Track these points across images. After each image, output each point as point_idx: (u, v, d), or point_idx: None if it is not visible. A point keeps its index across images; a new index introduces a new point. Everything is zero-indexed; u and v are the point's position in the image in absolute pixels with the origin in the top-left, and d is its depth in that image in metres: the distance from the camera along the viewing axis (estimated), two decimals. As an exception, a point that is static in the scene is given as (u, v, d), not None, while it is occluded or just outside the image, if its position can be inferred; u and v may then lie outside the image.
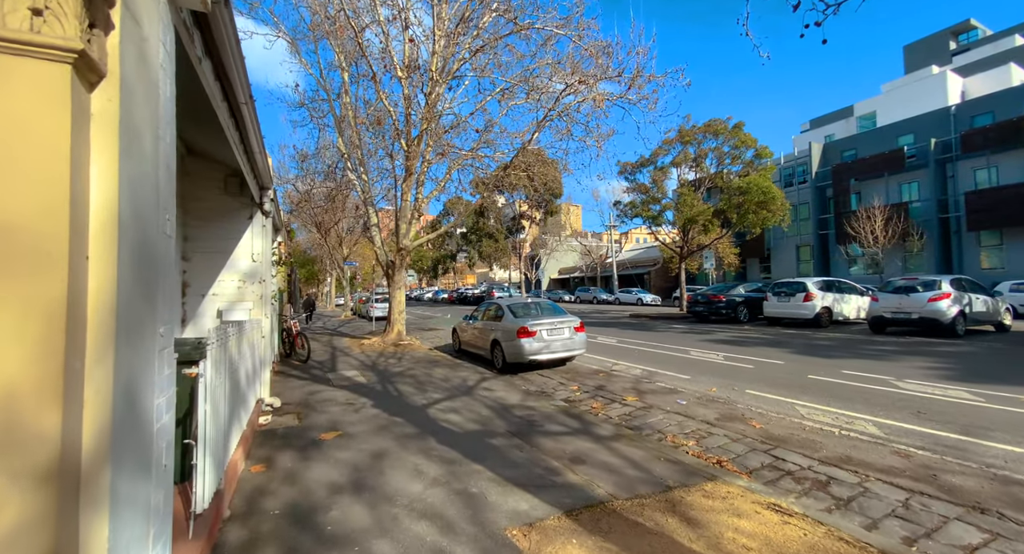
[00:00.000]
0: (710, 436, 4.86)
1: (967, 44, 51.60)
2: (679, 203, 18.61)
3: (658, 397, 6.56)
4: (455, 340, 11.94)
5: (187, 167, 5.51)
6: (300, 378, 8.07)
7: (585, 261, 49.31)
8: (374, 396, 6.56)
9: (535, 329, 8.53)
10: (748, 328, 14.57)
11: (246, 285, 5.78)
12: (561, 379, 8.09)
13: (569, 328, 8.87)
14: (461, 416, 5.46)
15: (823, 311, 13.49)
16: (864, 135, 29.68)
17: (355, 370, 8.80)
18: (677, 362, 9.21)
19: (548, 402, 6.23)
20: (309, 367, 9.24)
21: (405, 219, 12.53)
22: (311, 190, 19.91)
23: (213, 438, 2.67)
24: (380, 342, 12.71)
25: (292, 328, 10.21)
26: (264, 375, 5.83)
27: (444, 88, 10.94)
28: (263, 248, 5.90)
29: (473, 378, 7.95)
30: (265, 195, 5.77)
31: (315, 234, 30.54)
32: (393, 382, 7.57)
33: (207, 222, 5.62)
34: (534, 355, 8.44)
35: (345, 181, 15.93)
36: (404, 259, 12.75)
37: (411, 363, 9.65)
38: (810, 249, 30.84)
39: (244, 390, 4.12)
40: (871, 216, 23.50)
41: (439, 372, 8.55)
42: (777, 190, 17.22)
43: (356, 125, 12.63)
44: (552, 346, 8.58)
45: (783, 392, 6.56)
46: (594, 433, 4.79)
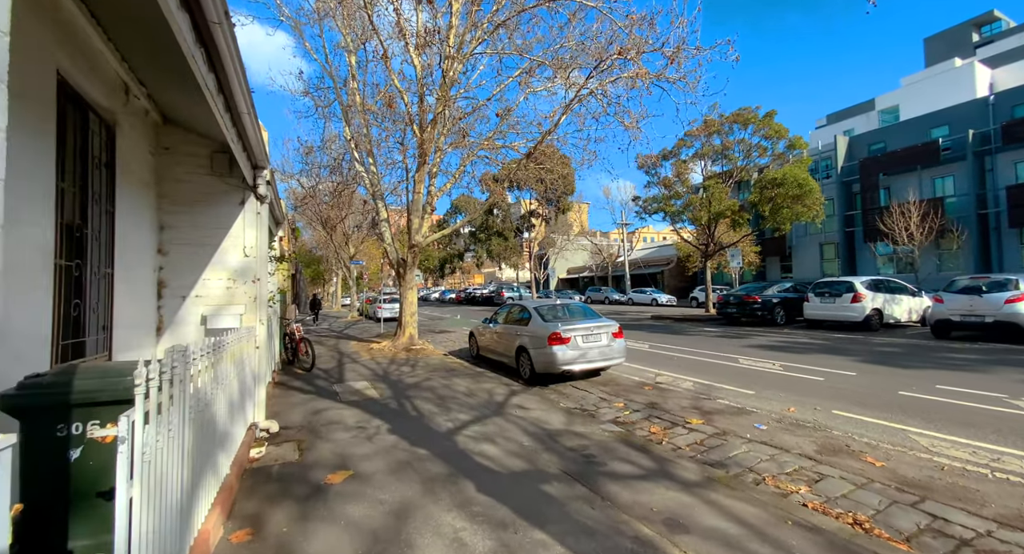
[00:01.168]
0: (823, 479, 3.79)
1: (990, 36, 50.07)
2: (707, 197, 17.45)
3: (728, 419, 5.49)
4: (472, 345, 10.92)
5: (163, 140, 4.51)
6: (303, 391, 7.06)
7: (595, 260, 48.15)
8: (389, 416, 5.54)
9: (569, 335, 7.48)
10: (789, 331, 13.43)
11: (237, 285, 4.77)
12: (601, 393, 7.04)
13: (607, 334, 7.81)
14: (498, 447, 4.42)
15: (873, 313, 12.33)
16: (893, 128, 28.33)
17: (365, 381, 7.79)
18: (729, 373, 8.12)
19: (597, 426, 5.18)
20: (313, 377, 8.24)
21: (418, 213, 11.51)
22: (316, 185, 18.97)
23: (154, 532, 1.64)
24: (391, 346, 11.71)
25: (295, 333, 9.22)
26: (259, 393, 4.82)
27: (461, 67, 9.90)
28: (257, 240, 4.89)
29: (500, 392, 6.91)
30: (259, 175, 4.76)
31: (321, 232, 29.69)
32: (410, 397, 6.54)
33: (189, 208, 4.62)
34: (568, 365, 7.39)
35: (352, 175, 14.94)
36: (416, 257, 11.74)
37: (427, 372, 8.63)
38: (834, 247, 29.54)
39: (224, 426, 3.10)
40: (905, 212, 22.24)
41: (460, 383, 7.51)
42: (814, 182, 16.04)
43: (364, 111, 11.63)
44: (588, 355, 7.53)
45: (881, 414, 5.47)
46: (675, 475, 3.73)
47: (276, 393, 6.85)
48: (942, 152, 24.06)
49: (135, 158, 3.92)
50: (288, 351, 9.67)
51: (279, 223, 8.56)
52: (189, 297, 4.60)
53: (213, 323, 4.57)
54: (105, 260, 3.44)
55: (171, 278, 4.54)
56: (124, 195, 3.65)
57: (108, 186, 3.45)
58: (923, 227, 21.52)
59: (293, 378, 8.10)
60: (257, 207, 4.89)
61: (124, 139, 3.63)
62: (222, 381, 3.00)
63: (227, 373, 3.22)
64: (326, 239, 29.88)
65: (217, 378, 2.84)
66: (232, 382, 3.40)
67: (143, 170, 4.10)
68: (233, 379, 3.47)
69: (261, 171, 4.78)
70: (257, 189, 4.79)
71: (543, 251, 43.19)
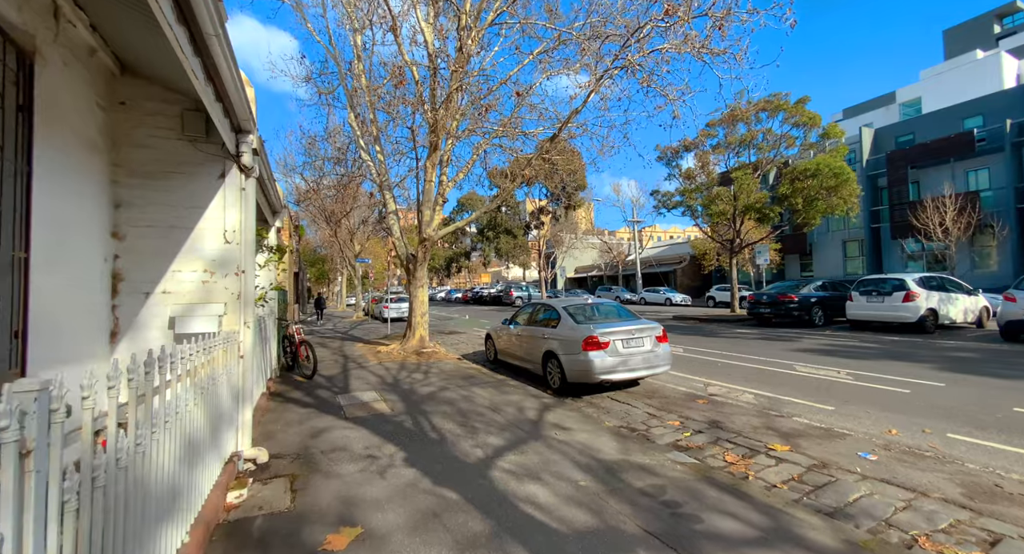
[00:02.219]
0: (1001, 540, 2.77)
1: (1013, 27, 48.66)
2: (734, 189, 16.35)
3: (818, 445, 4.47)
4: (489, 348, 9.94)
5: (119, 92, 3.54)
6: (301, 404, 6.10)
7: (604, 259, 47.04)
8: (404, 440, 4.55)
9: (607, 339, 6.47)
10: (832, 333, 12.34)
11: (215, 278, 3.80)
12: (647, 407, 6.03)
13: (650, 338, 6.80)
14: (548, 488, 3.42)
15: (928, 313, 11.22)
16: (922, 119, 27.07)
17: (373, 391, 6.81)
18: (790, 383, 7.08)
19: (661, 455, 4.17)
20: (315, 385, 7.28)
21: (428, 204, 10.54)
22: (320, 180, 18.07)
23: None
24: (399, 349, 10.75)
25: (295, 335, 8.27)
26: (244, 415, 3.85)
27: (480, 38, 8.91)
28: (242, 223, 3.91)
29: (529, 405, 5.91)
30: (243, 141, 3.79)
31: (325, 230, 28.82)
32: (426, 412, 5.55)
33: (153, 181, 3.65)
34: (607, 374, 6.38)
35: (357, 166, 13.99)
36: (427, 252, 10.76)
37: (441, 379, 7.65)
38: (859, 244, 28.34)
39: (177, 482, 2.12)
40: (939, 206, 21.07)
41: (481, 395, 6.53)
42: (851, 171, 14.92)
43: (371, 93, 10.67)
44: (630, 362, 6.51)
45: (1009, 438, 4.43)
46: (799, 537, 2.72)
47: (270, 407, 5.89)
48: (977, 143, 22.83)
49: (74, 109, 2.95)
50: (287, 355, 8.72)
51: (276, 212, 7.61)
52: (154, 294, 3.63)
53: (184, 326, 3.60)
54: (19, 240, 2.47)
55: (130, 269, 3.57)
56: (53, 154, 2.68)
57: (22, 137, 2.47)
58: (959, 222, 20.36)
59: (292, 387, 7.14)
60: (241, 181, 3.92)
61: (52, 78, 2.67)
62: (186, 416, 2.02)
63: (184, 402, 2.25)
64: (330, 237, 29.03)
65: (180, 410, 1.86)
66: (194, 414, 2.43)
67: (87, 126, 3.14)
68: (198, 408, 2.49)
69: (245, 136, 3.81)
70: (241, 159, 3.82)
71: (551, 250, 42.18)
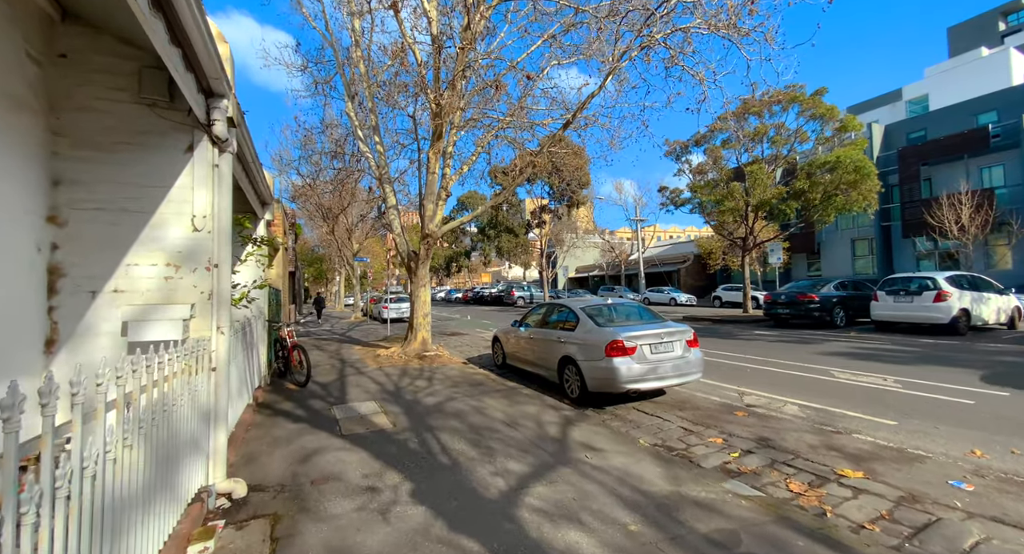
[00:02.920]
0: None
1: (1018, 24, 48.37)
2: (748, 184, 15.69)
3: (895, 469, 3.81)
4: (496, 352, 9.27)
5: (59, 43, 2.86)
6: (292, 417, 5.41)
7: (606, 258, 46.38)
8: (410, 465, 3.87)
9: (633, 344, 5.81)
10: (857, 335, 11.69)
11: (181, 274, 3.13)
12: (681, 421, 5.37)
13: (680, 342, 6.13)
14: (592, 535, 2.75)
15: (960, 314, 10.59)
16: (934, 115, 26.48)
17: (372, 401, 6.13)
18: (834, 391, 6.43)
19: (718, 485, 3.51)
20: (308, 395, 6.60)
21: (431, 198, 9.86)
22: (317, 175, 17.36)
23: None
24: (400, 353, 10.07)
25: (287, 338, 7.58)
26: (216, 441, 3.17)
27: (490, 14, 8.24)
28: (215, 207, 3.24)
29: (549, 419, 5.24)
30: (215, 107, 3.11)
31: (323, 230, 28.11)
32: (433, 429, 4.88)
33: (104, 154, 2.98)
34: (634, 383, 5.71)
35: (355, 160, 13.30)
36: (430, 249, 10.08)
37: (447, 386, 6.98)
38: (868, 243, 27.73)
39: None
40: (954, 204, 20.48)
41: (493, 405, 5.85)
42: (872, 165, 14.29)
43: (370, 78, 10.00)
44: (660, 369, 5.84)
45: (1125, 464, 3.78)
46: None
47: (256, 421, 5.20)
48: (991, 139, 22.24)
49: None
50: (279, 361, 8.04)
51: (266, 203, 6.93)
52: (102, 293, 2.95)
53: (139, 333, 2.92)
54: None
55: (73, 263, 2.89)
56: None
57: None
58: (975, 220, 19.76)
59: (282, 397, 6.45)
60: (214, 156, 3.24)
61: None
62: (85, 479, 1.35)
63: (107, 448, 1.57)
64: (328, 235, 28.32)
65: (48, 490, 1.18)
66: (128, 459, 1.75)
67: (13, 80, 2.45)
68: (137, 448, 1.82)
69: (218, 101, 3.13)
70: (212, 128, 3.14)
71: (552, 249, 41.51)
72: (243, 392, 5.13)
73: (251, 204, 6.19)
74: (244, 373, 5.19)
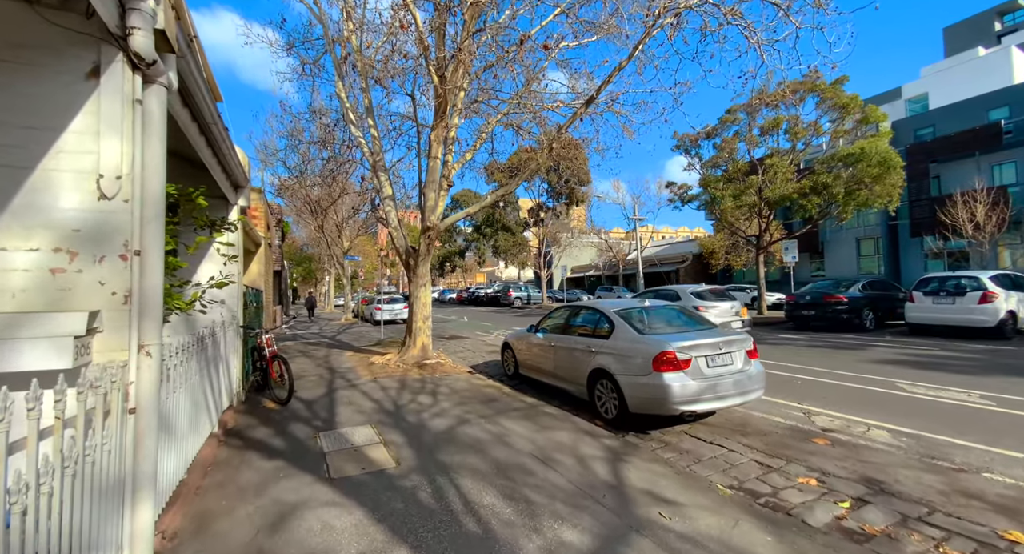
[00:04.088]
0: None
1: (1014, 24, 48.63)
2: (766, 177, 14.79)
3: (1087, 533, 2.82)
4: (507, 359, 8.23)
5: None
6: (267, 451, 4.30)
7: (603, 258, 45.50)
8: (425, 536, 2.80)
9: (687, 356, 4.79)
10: (894, 338, 10.82)
11: (78, 265, 2.03)
12: (750, 451, 4.36)
13: (740, 353, 5.13)
14: None
15: (1008, 316, 9.76)
16: (942, 111, 25.94)
17: (369, 426, 5.04)
18: (915, 409, 5.47)
19: (864, 562, 2.48)
20: (289, 417, 5.48)
21: (433, 186, 8.78)
22: (305, 166, 16.14)
23: None
24: (397, 360, 8.97)
25: (265, 346, 6.44)
26: (135, 523, 2.07)
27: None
28: (135, 164, 2.14)
29: (591, 452, 4.20)
30: (134, 7, 2.00)
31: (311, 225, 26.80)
32: (448, 469, 3.80)
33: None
34: (690, 404, 4.70)
35: (346, 148, 12.14)
36: (431, 244, 8.99)
37: (456, 404, 5.91)
38: (874, 242, 27.12)
39: None
40: (967, 202, 19.85)
41: (516, 430, 4.80)
42: (898, 157, 13.48)
43: (363, 51, 8.89)
44: (719, 387, 4.82)
45: None
46: None
47: (221, 458, 4.08)
48: (1004, 135, 21.67)
49: None
50: (257, 372, 6.90)
51: (239, 186, 5.80)
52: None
53: None
54: None
55: None
56: None
57: None
58: (991, 218, 19.12)
59: (258, 420, 5.32)
60: (134, 88, 2.14)
61: None
62: None
63: None
64: (317, 234, 27.02)
65: None
66: None
67: None
68: None
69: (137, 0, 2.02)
70: (130, 41, 2.03)
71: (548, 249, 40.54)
72: (203, 422, 4.01)
73: (219, 186, 5.07)
74: (204, 397, 4.07)
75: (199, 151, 3.92)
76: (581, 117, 7.84)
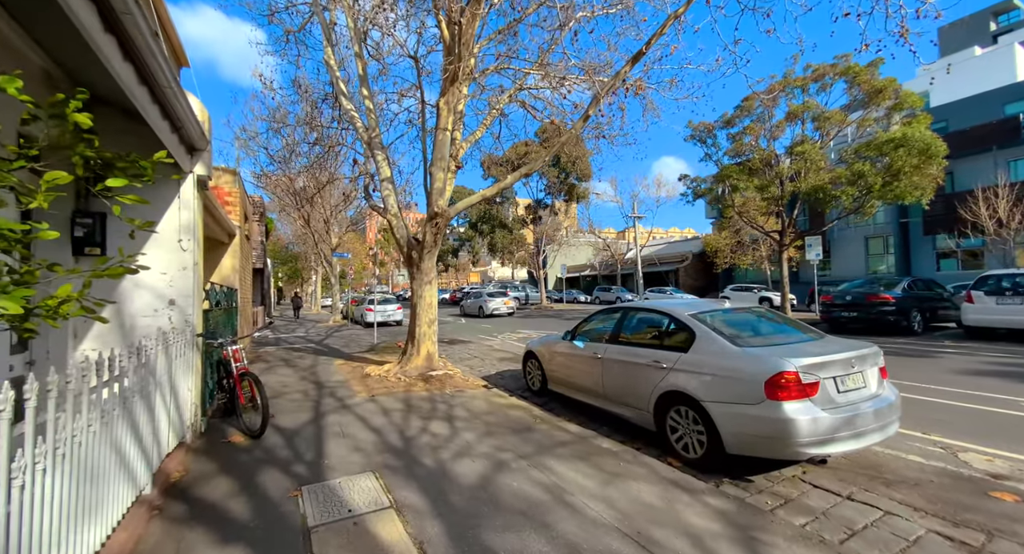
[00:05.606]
0: None
1: (1009, 24, 48.82)
2: (797, 166, 13.61)
3: None
4: (530, 371, 6.90)
5: None
6: (223, 525, 2.88)
7: (600, 257, 44.37)
8: None
9: (814, 377, 3.49)
10: (955, 343, 9.71)
11: None
12: (919, 517, 3.08)
13: (873, 371, 3.85)
14: None
15: (1087, 320, 8.71)
16: (955, 105, 25.21)
17: (371, 476, 3.64)
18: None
19: None
20: (262, 459, 4.06)
21: (442, 164, 7.39)
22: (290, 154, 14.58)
23: None
24: (398, 372, 7.56)
25: (232, 361, 4.98)
26: None
27: None
28: None
29: (700, 523, 2.88)
30: None
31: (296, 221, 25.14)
32: (503, 564, 2.43)
33: None
34: (823, 445, 3.40)
35: (336, 131, 10.65)
36: (439, 233, 7.60)
37: (482, 437, 4.54)
38: (884, 241, 26.34)
39: None
40: (988, 198, 19.06)
41: (576, 481, 3.46)
42: (942, 146, 12.43)
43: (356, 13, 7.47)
44: (857, 420, 3.51)
45: None
46: None
47: (147, 546, 2.65)
48: (1023, 129, 20.94)
49: None
50: (224, 391, 5.45)
51: (195, 148, 4.38)
52: None
53: None
54: None
55: None
56: None
57: None
58: (1015, 214, 18.31)
59: (217, 467, 3.89)
60: None
61: None
62: None
63: None
64: (303, 230, 25.37)
65: None
66: None
67: None
68: None
69: None
70: None
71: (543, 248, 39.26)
72: (118, 490, 2.58)
73: (165, 146, 3.64)
74: (122, 451, 2.64)
75: (123, 84, 2.53)
76: (624, 80, 6.48)
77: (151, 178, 1.91)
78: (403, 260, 8.34)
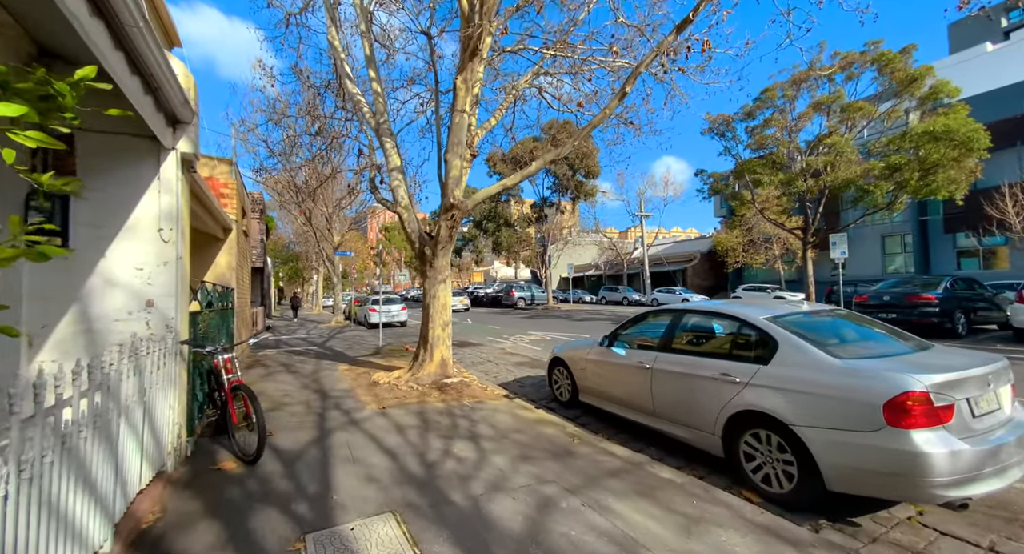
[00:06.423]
0: None
1: (1021, 21, 48.16)
2: (827, 159, 12.90)
3: None
4: (558, 380, 6.20)
5: None
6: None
7: (605, 257, 43.64)
8: None
9: (948, 398, 2.78)
10: (1009, 349, 9.01)
11: None
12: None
13: (1006, 389, 3.14)
14: None
15: None
16: (976, 99, 24.40)
17: (391, 519, 2.94)
18: None
19: None
20: (257, 493, 3.36)
21: (458, 150, 6.69)
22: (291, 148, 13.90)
23: None
24: (409, 379, 6.87)
25: (223, 371, 4.28)
26: None
27: None
28: None
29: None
30: None
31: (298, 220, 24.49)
32: None
33: None
34: (962, 486, 2.68)
35: (340, 120, 9.96)
36: (455, 227, 6.91)
37: (516, 462, 3.85)
38: (900, 239, 25.61)
39: None
40: (1015, 194, 18.40)
41: (648, 530, 2.76)
42: (985, 137, 11.74)
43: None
44: (1002, 453, 2.80)
45: None
46: None
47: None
48: (1049, 124, 20.23)
49: None
50: (216, 406, 4.75)
51: (177, 120, 3.68)
52: None
53: None
54: None
55: None
56: None
57: None
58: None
59: (201, 505, 3.19)
60: None
61: None
62: None
63: None
64: (305, 228, 24.72)
65: None
66: None
67: None
68: None
69: None
70: None
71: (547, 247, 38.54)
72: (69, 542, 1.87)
73: (139, 114, 2.94)
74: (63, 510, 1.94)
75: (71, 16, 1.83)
76: (667, 51, 5.77)
77: (71, 111, 1.20)
78: (415, 256, 7.63)
